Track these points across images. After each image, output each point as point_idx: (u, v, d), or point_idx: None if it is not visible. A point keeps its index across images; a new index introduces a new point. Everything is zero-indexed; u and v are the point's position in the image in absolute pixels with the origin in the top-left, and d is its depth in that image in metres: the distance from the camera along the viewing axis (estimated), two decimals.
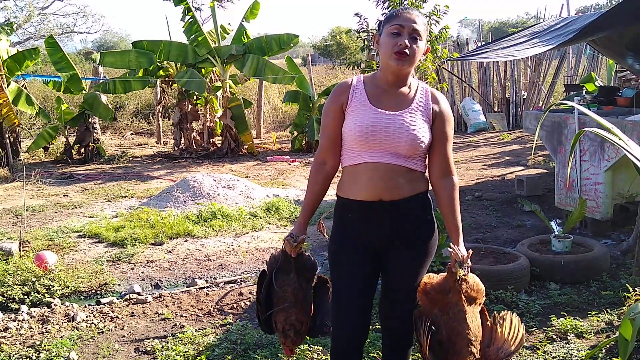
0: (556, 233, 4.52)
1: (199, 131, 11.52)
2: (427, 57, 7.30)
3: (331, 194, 2.43)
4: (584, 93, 6.98)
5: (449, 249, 2.24)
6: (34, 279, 4.42)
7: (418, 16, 2.17)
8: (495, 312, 2.28)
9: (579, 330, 3.42)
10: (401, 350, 2.41)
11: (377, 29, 2.29)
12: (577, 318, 3.57)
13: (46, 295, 4.29)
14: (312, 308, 2.48)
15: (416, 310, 2.30)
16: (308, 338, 3.33)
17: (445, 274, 2.28)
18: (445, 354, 2.16)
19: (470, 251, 2.24)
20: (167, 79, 11.56)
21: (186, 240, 5.73)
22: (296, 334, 2.40)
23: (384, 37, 2.18)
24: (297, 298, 2.39)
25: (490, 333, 2.25)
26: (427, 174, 2.31)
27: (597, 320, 3.57)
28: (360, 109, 2.20)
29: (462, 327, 2.14)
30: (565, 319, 3.53)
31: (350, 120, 2.21)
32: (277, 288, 2.40)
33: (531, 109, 12.30)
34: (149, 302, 4.20)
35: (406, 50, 2.13)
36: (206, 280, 4.71)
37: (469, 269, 2.21)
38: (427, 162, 2.30)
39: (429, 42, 7.47)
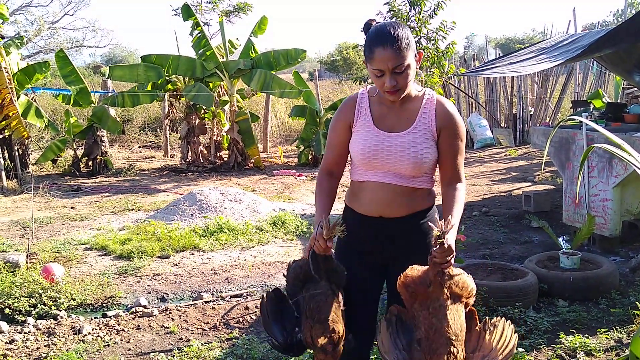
0: (564, 249, 4.49)
1: (206, 145, 11.57)
2: (434, 73, 7.34)
3: (337, 208, 2.43)
4: (591, 109, 6.97)
5: (429, 223, 2.09)
6: (40, 291, 4.42)
7: (393, 47, 2.02)
8: (487, 317, 2.13)
9: (588, 348, 3.39)
10: None
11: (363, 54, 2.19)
12: (586, 336, 3.54)
13: (52, 307, 4.29)
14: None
15: (393, 306, 2.14)
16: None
17: (428, 266, 2.10)
18: (424, 354, 1.97)
19: (455, 225, 2.07)
20: (175, 92, 11.64)
21: (192, 254, 5.73)
22: (334, 347, 2.16)
23: (370, 74, 2.12)
24: (331, 308, 2.14)
25: (478, 339, 2.07)
26: (435, 186, 2.30)
27: (607, 338, 3.53)
28: (364, 129, 2.20)
29: (441, 323, 1.97)
30: (574, 337, 3.49)
31: (355, 140, 2.22)
32: (306, 302, 2.16)
33: (538, 125, 12.30)
34: (155, 315, 4.20)
35: (395, 88, 2.08)
36: (212, 294, 4.70)
37: (447, 242, 1.97)
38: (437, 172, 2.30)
39: (435, 57, 7.52)
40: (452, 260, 1.99)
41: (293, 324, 2.19)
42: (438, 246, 1.94)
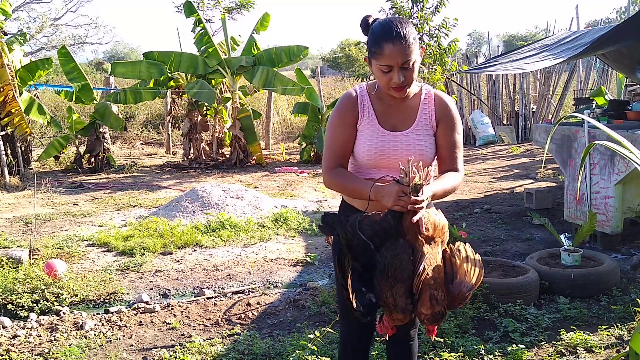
0: (565, 247, 4.49)
1: (208, 142, 11.58)
2: (436, 70, 7.33)
3: (334, 205, 2.43)
4: (593, 106, 6.96)
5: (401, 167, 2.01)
6: (43, 287, 4.44)
7: (402, 42, 2.01)
8: (450, 245, 2.09)
9: (589, 344, 3.40)
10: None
11: (367, 50, 2.14)
12: (587, 332, 3.54)
13: (55, 303, 4.30)
14: None
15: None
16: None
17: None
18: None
19: (433, 188, 2.03)
20: (177, 89, 11.66)
21: (194, 250, 5.74)
22: (414, 307, 2.03)
23: (376, 70, 2.09)
24: (410, 266, 2.01)
25: (452, 267, 2.05)
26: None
27: (607, 335, 3.54)
28: (369, 129, 2.19)
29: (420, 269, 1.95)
30: (575, 333, 3.50)
31: (360, 140, 2.21)
32: (388, 261, 2.00)
33: (540, 122, 12.28)
34: (157, 311, 4.21)
35: (403, 83, 2.08)
36: (214, 290, 4.72)
37: (423, 196, 1.95)
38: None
39: (437, 54, 7.50)
40: (423, 211, 1.97)
41: (361, 285, 2.04)
42: (413, 195, 1.93)
